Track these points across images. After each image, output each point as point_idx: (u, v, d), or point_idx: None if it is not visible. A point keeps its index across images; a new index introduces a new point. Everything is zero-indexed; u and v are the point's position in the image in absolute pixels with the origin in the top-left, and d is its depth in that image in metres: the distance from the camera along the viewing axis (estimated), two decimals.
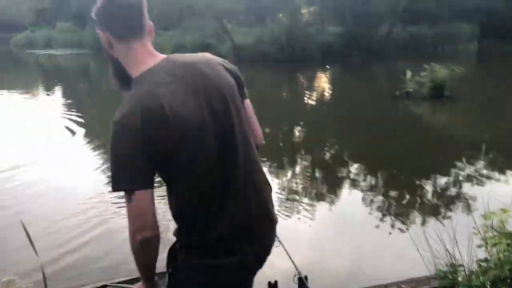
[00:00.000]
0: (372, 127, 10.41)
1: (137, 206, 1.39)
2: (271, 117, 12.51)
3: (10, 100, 16.68)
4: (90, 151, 8.63)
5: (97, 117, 12.53)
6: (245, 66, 25.17)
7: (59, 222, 5.31)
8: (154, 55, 1.54)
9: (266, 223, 1.72)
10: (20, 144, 9.06)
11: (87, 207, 5.70)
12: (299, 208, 5.74)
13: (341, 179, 6.98)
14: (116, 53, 1.56)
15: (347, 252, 4.64)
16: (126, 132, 1.40)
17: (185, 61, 1.53)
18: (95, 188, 6.35)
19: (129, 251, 1.50)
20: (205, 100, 1.49)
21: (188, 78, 1.48)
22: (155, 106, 1.39)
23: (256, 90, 18.08)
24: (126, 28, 1.51)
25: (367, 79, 18.69)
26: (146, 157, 1.39)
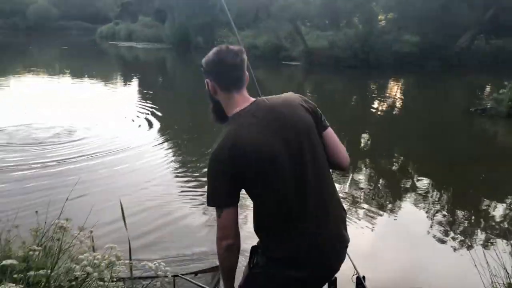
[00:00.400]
0: (443, 142, 10.13)
1: (223, 220, 1.78)
2: (337, 122, 12.52)
3: (91, 87, 17.87)
4: (166, 143, 9.14)
5: (171, 110, 13.14)
6: (316, 70, 25.35)
7: (146, 203, 5.92)
8: (247, 100, 1.87)
9: (337, 246, 1.95)
10: (110, 132, 9.84)
11: (170, 194, 6.33)
12: (361, 215, 5.86)
13: (405, 191, 6.93)
14: (219, 97, 1.91)
15: (405, 259, 4.77)
16: (217, 162, 1.76)
17: (267, 105, 1.83)
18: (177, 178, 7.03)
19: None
20: (282, 139, 1.76)
21: (268, 120, 1.77)
22: (238, 143, 1.73)
23: (325, 95, 18.10)
24: (230, 82, 1.85)
25: (441, 92, 18.05)
26: (231, 183, 1.76)
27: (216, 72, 1.85)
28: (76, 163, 7.52)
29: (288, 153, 1.77)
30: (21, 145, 8.53)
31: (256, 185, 1.79)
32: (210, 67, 1.86)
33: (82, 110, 12.13)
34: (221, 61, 1.83)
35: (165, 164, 7.86)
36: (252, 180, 1.77)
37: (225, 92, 1.86)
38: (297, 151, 1.79)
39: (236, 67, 1.84)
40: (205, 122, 11.90)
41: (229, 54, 1.83)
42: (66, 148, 8.49)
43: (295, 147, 1.78)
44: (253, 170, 1.74)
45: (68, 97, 14.60)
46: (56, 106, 12.58)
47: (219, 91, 1.88)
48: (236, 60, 1.83)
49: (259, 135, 1.74)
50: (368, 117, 13.12)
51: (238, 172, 1.74)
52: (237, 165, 1.73)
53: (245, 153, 1.72)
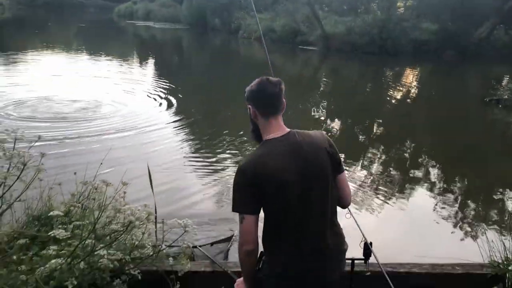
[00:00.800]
0: (456, 130, 10.23)
1: (245, 225, 2.03)
2: (351, 108, 12.62)
3: (109, 65, 18.13)
4: (183, 121, 9.41)
5: (187, 90, 13.34)
6: (332, 55, 25.31)
7: (171, 174, 6.38)
8: (282, 128, 2.14)
9: (328, 273, 2.17)
10: (133, 109, 10.16)
11: (188, 172, 6.69)
12: (372, 193, 6.17)
13: (415, 175, 7.10)
14: (258, 122, 2.18)
15: (411, 231, 5.14)
16: (242, 176, 2.05)
17: (296, 142, 2.08)
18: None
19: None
20: (301, 173, 2.03)
21: (293, 157, 2.05)
22: (263, 166, 2.02)
23: (340, 80, 18.14)
24: (269, 110, 2.13)
25: (457, 81, 18.00)
26: (252, 194, 2.03)
27: (257, 100, 2.14)
28: (105, 137, 7.85)
29: (301, 187, 2.05)
30: (49, 119, 8.83)
31: (267, 202, 2.06)
32: (252, 96, 2.15)
33: (103, 86, 12.40)
34: (262, 91, 2.12)
35: (184, 142, 8.15)
36: (267, 198, 2.04)
37: (264, 118, 2.14)
38: (310, 189, 2.06)
39: (275, 96, 2.12)
40: (221, 103, 12.17)
41: (269, 85, 2.12)
42: (94, 122, 8.82)
43: (308, 187, 2.06)
44: (269, 191, 2.02)
45: (87, 73, 14.88)
46: (77, 83, 12.88)
47: (259, 117, 2.15)
48: (274, 91, 2.11)
49: (283, 165, 2.02)
50: (382, 104, 13.20)
51: (259, 188, 2.02)
52: (258, 183, 2.01)
53: (266, 175, 2.01)
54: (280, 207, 2.05)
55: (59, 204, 2.82)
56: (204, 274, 2.96)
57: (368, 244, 2.70)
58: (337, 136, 9.24)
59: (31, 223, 2.78)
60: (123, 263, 2.63)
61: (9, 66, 15.63)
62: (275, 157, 2.03)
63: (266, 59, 3.81)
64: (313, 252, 2.10)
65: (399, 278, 2.97)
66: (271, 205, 2.06)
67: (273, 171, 2.00)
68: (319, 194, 2.09)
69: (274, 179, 2.01)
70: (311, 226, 2.09)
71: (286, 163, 2.02)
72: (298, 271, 2.10)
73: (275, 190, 2.02)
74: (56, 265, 2.13)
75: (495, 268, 2.94)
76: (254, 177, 2.01)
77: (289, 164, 2.03)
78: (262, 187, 2.01)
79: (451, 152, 8.60)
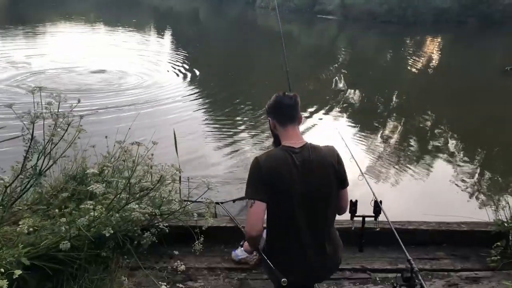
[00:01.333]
0: (474, 100, 10.16)
1: (253, 210, 2.26)
2: (370, 79, 12.60)
3: (127, 37, 18.28)
4: (203, 93, 9.63)
5: (205, 61, 13.46)
6: (351, 24, 25.00)
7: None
8: (297, 138, 2.38)
9: (321, 273, 2.47)
10: (156, 80, 10.39)
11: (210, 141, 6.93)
12: (384, 155, 6.47)
13: (432, 143, 7.21)
14: (277, 131, 2.43)
15: (419, 191, 5.41)
16: (259, 170, 2.28)
17: (309, 158, 2.31)
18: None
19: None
20: (307, 188, 2.28)
21: (302, 170, 2.29)
22: (274, 167, 2.28)
23: (359, 50, 18.01)
24: (286, 119, 2.38)
25: (479, 50, 17.67)
26: (263, 188, 2.26)
27: (276, 112, 2.41)
28: (130, 108, 8.11)
29: (306, 199, 2.30)
30: (76, 91, 9.10)
31: (272, 198, 2.28)
32: (270, 108, 2.43)
33: (124, 58, 12.62)
34: (278, 102, 2.40)
35: (205, 113, 8.39)
36: (272, 193, 2.27)
37: (282, 127, 2.39)
38: (310, 199, 2.31)
39: (291, 107, 2.38)
40: (239, 74, 12.28)
41: (285, 98, 2.39)
42: (121, 94, 9.07)
43: (309, 196, 2.31)
44: (278, 194, 2.28)
45: (107, 45, 15.09)
46: (99, 55, 13.12)
47: (278, 126, 2.41)
48: (290, 102, 2.38)
49: (292, 176, 2.27)
50: (402, 74, 13.15)
51: (271, 187, 2.26)
52: (268, 178, 2.26)
53: (274, 175, 2.27)
54: (284, 212, 2.31)
55: (93, 165, 3.08)
56: (226, 229, 3.20)
57: (378, 202, 2.89)
58: (356, 106, 9.29)
59: (67, 182, 3.04)
60: (153, 217, 2.88)
61: (30, 38, 15.92)
62: (288, 167, 2.28)
63: (280, 30, 3.96)
64: (310, 257, 2.36)
65: (407, 234, 3.18)
66: (276, 208, 2.30)
67: (284, 179, 2.26)
68: (321, 205, 2.34)
69: (284, 186, 2.27)
70: (311, 234, 2.35)
71: (295, 175, 2.28)
72: (295, 265, 2.37)
73: (282, 196, 2.28)
74: (95, 216, 2.38)
75: (500, 226, 3.11)
76: (268, 176, 2.26)
77: (298, 177, 2.28)
78: (273, 186, 2.26)
79: (471, 122, 8.61)
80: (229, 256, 3.06)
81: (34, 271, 2.40)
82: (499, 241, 3.04)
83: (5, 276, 2.14)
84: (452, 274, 2.92)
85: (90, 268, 2.51)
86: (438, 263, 3.05)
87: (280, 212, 2.33)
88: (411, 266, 2.22)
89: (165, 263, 2.94)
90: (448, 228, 3.25)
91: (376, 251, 3.11)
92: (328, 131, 7.32)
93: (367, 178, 3.10)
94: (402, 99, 10.49)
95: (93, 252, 2.54)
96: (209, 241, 3.07)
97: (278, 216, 2.34)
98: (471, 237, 3.21)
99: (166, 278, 2.77)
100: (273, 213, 2.35)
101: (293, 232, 2.35)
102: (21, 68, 10.78)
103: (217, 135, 7.12)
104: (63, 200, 2.76)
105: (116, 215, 2.49)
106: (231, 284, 2.80)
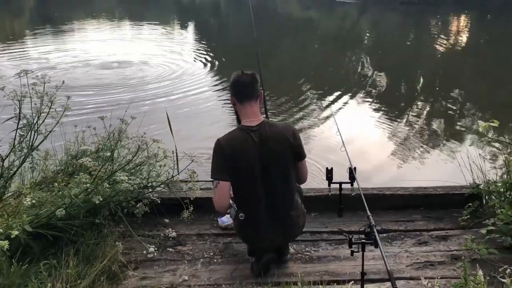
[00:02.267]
0: (501, 82, 9.79)
1: (219, 190, 2.57)
2: (393, 64, 12.36)
3: (152, 32, 18.64)
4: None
5: (226, 52, 13.61)
6: (371, 7, 24.66)
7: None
8: (254, 115, 2.61)
9: (277, 239, 2.74)
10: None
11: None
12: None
13: (455, 122, 7.21)
14: (237, 108, 2.67)
15: (395, 158, 5.65)
16: (218, 149, 2.56)
17: (265, 135, 2.56)
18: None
19: None
20: (264, 161, 2.57)
21: (260, 146, 2.56)
22: (234, 147, 2.54)
23: (381, 33, 17.78)
24: (243, 96, 2.61)
25: (504, 29, 17.05)
26: (224, 164, 2.55)
27: (234, 89, 2.65)
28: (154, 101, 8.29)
29: (264, 171, 2.59)
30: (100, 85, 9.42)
31: (233, 175, 2.58)
32: (231, 87, 2.67)
33: (150, 51, 12.93)
34: (236, 81, 2.63)
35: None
36: (233, 171, 2.56)
37: (240, 103, 2.62)
38: (269, 172, 2.60)
39: (248, 85, 2.60)
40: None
41: (242, 77, 2.61)
42: (146, 85, 9.32)
43: (270, 169, 2.59)
44: (238, 170, 2.56)
45: (134, 40, 15.48)
46: (127, 48, 13.54)
47: (236, 103, 2.64)
48: (247, 80, 2.60)
49: (245, 149, 2.55)
50: (425, 56, 12.83)
51: (230, 161, 2.53)
52: (230, 158, 2.54)
53: (235, 154, 2.54)
54: (246, 186, 2.60)
55: (90, 144, 3.39)
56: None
57: (352, 169, 3.08)
58: (382, 91, 9.20)
59: (69, 161, 3.36)
60: (143, 189, 3.16)
61: (58, 36, 16.42)
62: (245, 143, 2.53)
63: (303, 13, 4.11)
64: (271, 220, 2.65)
65: (384, 199, 3.35)
66: (239, 183, 2.59)
67: (244, 157, 2.53)
68: (279, 177, 2.61)
69: (245, 163, 2.54)
70: (271, 203, 2.63)
71: (255, 151, 2.54)
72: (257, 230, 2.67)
73: (244, 172, 2.55)
74: (85, 185, 2.68)
75: (474, 189, 3.24)
76: (230, 156, 2.52)
77: (258, 153, 2.54)
78: (234, 165, 2.53)
79: (495, 105, 8.29)
80: (217, 224, 3.32)
81: (38, 238, 2.73)
82: (472, 202, 3.18)
83: (11, 240, 2.45)
84: (424, 234, 3.08)
85: (86, 234, 2.80)
86: (413, 224, 3.22)
87: (243, 186, 2.62)
88: (369, 221, 2.41)
89: (158, 231, 3.22)
90: (424, 192, 3.40)
91: (354, 216, 3.30)
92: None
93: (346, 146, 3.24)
94: (427, 82, 10.20)
95: (88, 220, 2.85)
96: (200, 211, 3.34)
97: (241, 189, 2.64)
98: (445, 200, 3.35)
99: (158, 244, 3.04)
100: (237, 187, 2.65)
101: (254, 203, 2.64)
102: (50, 63, 11.20)
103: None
104: (64, 177, 3.08)
105: (105, 184, 2.77)
106: (217, 247, 3.05)
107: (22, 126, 2.62)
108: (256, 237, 2.71)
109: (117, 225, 3.04)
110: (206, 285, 2.63)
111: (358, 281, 2.39)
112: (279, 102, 8.09)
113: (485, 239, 2.78)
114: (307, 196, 3.14)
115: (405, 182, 3.79)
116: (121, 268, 2.72)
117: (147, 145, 3.10)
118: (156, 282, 2.66)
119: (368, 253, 2.68)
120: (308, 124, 6.86)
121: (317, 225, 3.24)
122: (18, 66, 10.50)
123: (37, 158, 2.86)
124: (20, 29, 18.60)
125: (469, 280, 2.23)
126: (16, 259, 2.50)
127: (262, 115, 2.74)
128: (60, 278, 2.45)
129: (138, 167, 3.25)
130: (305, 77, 9.72)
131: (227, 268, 2.81)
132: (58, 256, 2.63)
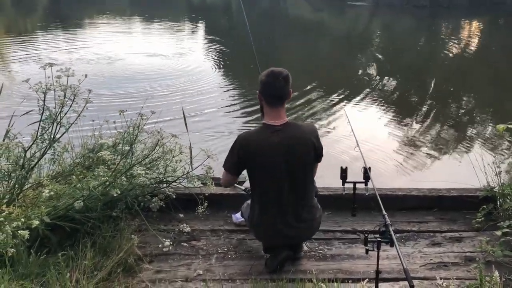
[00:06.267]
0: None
1: (225, 177, 2.78)
2: (403, 66, 12.30)
3: (163, 32, 18.70)
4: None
5: (238, 52, 13.59)
6: (382, 10, 24.60)
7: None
8: (280, 117, 2.63)
9: (295, 237, 2.81)
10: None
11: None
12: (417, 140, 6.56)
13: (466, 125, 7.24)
14: (263, 105, 2.68)
15: (409, 159, 5.66)
16: (237, 144, 2.64)
17: (288, 135, 2.60)
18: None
19: None
20: (287, 158, 2.60)
21: (280, 144, 2.59)
22: (248, 145, 2.62)
23: (393, 36, 17.71)
24: (273, 99, 2.62)
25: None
26: (238, 163, 2.67)
27: (265, 90, 2.62)
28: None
29: (286, 171, 2.62)
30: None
31: (252, 172, 2.70)
32: (262, 85, 2.62)
33: (162, 50, 12.99)
34: (269, 85, 2.59)
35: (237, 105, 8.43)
36: (251, 170, 2.68)
37: (267, 105, 2.64)
38: (290, 171, 2.63)
39: (281, 89, 2.58)
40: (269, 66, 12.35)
41: (276, 82, 2.56)
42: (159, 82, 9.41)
43: (287, 169, 2.63)
44: (253, 165, 2.64)
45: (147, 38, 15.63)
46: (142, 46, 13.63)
47: (263, 102, 2.66)
48: (280, 85, 2.57)
49: (271, 148, 2.59)
50: (436, 61, 12.71)
51: (244, 159, 2.62)
52: (242, 156, 2.61)
53: (253, 151, 2.61)
54: (266, 182, 2.65)
55: (107, 138, 3.43)
56: (229, 196, 3.47)
57: (367, 169, 3.09)
58: (394, 94, 9.18)
59: (86, 154, 3.40)
60: (159, 184, 3.20)
61: (71, 34, 16.54)
62: (269, 142, 2.57)
63: (315, 15, 4.12)
64: (291, 219, 2.68)
65: (397, 200, 3.36)
66: (258, 178, 2.67)
67: (264, 154, 2.58)
68: (302, 177, 2.66)
69: (264, 160, 2.59)
70: (292, 201, 2.66)
71: (277, 151, 2.57)
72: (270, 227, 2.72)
73: (263, 168, 2.62)
74: (103, 179, 2.72)
75: (488, 192, 3.24)
76: (243, 150, 2.60)
77: (279, 151, 2.57)
78: (246, 159, 2.61)
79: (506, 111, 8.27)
80: (231, 220, 3.34)
81: (55, 230, 2.77)
82: (486, 205, 3.18)
83: (30, 231, 2.50)
84: (437, 235, 3.09)
85: (103, 226, 2.85)
86: (426, 225, 3.23)
87: (263, 183, 2.67)
88: (384, 220, 2.42)
89: (172, 226, 3.25)
90: (437, 194, 3.41)
91: (368, 216, 3.30)
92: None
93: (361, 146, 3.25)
94: (438, 86, 10.02)
95: (105, 213, 2.89)
96: (214, 207, 3.38)
97: (261, 186, 2.68)
98: (459, 202, 3.35)
99: (173, 238, 3.08)
100: (257, 184, 2.70)
101: (274, 200, 2.66)
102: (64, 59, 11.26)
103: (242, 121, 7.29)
104: (81, 170, 3.12)
105: (123, 178, 2.81)
106: (230, 243, 3.08)
107: (45, 119, 2.66)
108: (273, 234, 2.73)
109: (133, 219, 3.09)
110: (221, 280, 2.65)
111: (372, 279, 2.40)
112: (291, 102, 8.05)
113: (500, 241, 2.79)
114: (321, 195, 3.16)
115: (419, 183, 3.79)
116: (136, 261, 2.76)
117: (162, 140, 3.14)
118: (171, 276, 2.70)
119: (382, 253, 2.68)
120: (320, 125, 6.88)
121: (330, 224, 3.26)
122: (44, 59, 10.76)
123: (58, 150, 2.90)
124: (39, 26, 18.81)
125: (485, 281, 2.24)
126: (35, 250, 2.56)
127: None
128: (77, 269, 2.50)
129: (154, 161, 3.29)
130: (317, 79, 9.70)
131: (241, 263, 2.83)
132: (75, 248, 2.68)
